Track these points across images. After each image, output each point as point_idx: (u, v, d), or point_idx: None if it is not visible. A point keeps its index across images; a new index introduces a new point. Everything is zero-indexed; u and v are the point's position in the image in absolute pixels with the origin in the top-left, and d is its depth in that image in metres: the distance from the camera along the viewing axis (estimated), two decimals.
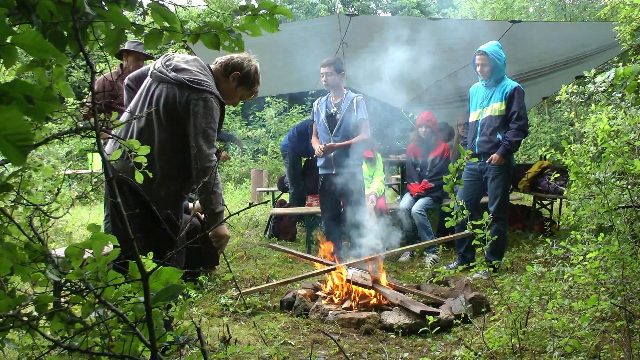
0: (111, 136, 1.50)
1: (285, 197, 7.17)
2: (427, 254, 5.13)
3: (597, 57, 5.72)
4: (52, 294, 1.17)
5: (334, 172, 4.61)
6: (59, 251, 1.79)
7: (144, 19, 1.22)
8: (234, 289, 3.87)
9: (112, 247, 1.20)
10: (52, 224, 1.50)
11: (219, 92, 2.60)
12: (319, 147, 4.58)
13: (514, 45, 5.27)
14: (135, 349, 1.13)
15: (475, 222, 2.33)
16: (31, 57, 1.01)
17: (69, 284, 1.13)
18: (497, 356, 2.42)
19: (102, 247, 1.14)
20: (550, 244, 3.03)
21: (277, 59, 6.35)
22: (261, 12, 1.23)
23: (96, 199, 8.98)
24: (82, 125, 1.19)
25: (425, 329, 2.96)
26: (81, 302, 1.13)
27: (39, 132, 1.19)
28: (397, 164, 7.07)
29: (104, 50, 1.13)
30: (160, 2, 1.16)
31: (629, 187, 2.55)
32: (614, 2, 5.34)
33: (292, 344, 2.89)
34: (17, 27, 1.02)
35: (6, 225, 1.17)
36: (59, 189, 1.42)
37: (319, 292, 3.80)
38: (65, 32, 1.06)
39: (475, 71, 4.48)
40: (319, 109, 4.75)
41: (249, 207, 1.29)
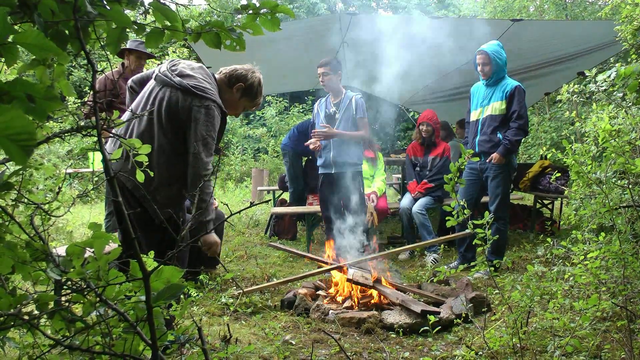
0: (112, 135, 1.50)
1: (285, 196, 7.17)
2: (428, 254, 5.13)
3: (599, 53, 5.71)
4: (53, 293, 1.17)
5: (333, 172, 4.61)
6: (60, 250, 1.79)
7: (146, 17, 1.22)
8: (235, 288, 3.87)
9: (115, 245, 1.20)
10: (53, 223, 1.50)
11: (221, 102, 2.60)
12: (316, 132, 4.52)
13: (515, 42, 5.27)
14: (136, 348, 1.13)
15: (476, 222, 2.32)
16: (33, 56, 1.01)
17: (69, 283, 1.13)
18: (497, 356, 2.42)
19: (103, 246, 1.14)
20: (551, 243, 3.03)
21: (278, 58, 6.35)
22: (262, 11, 1.23)
23: (97, 197, 8.99)
24: (83, 124, 1.19)
25: (426, 328, 2.97)
26: (82, 301, 1.13)
27: (40, 131, 1.19)
28: (398, 164, 7.07)
29: (106, 49, 1.13)
30: (161, 1, 1.16)
31: (630, 186, 2.55)
32: (615, 2, 5.33)
33: (293, 343, 2.89)
34: (18, 26, 1.02)
35: (7, 224, 1.17)
36: (60, 188, 1.42)
37: (319, 292, 3.80)
38: (66, 31, 1.07)
39: (476, 70, 4.48)
40: (319, 109, 4.75)
41: (250, 207, 1.29)
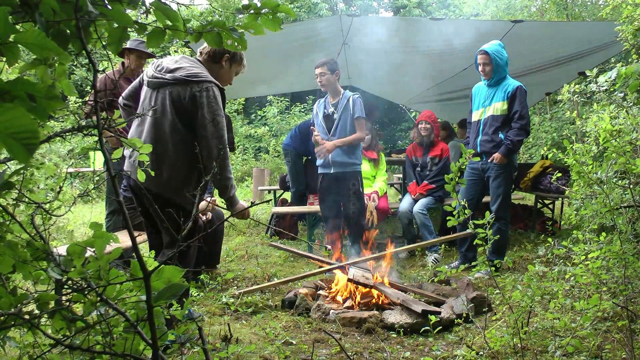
0: (113, 134, 1.50)
1: (286, 195, 7.17)
2: (428, 254, 5.12)
3: (600, 53, 5.70)
4: (53, 292, 1.17)
5: (332, 171, 4.61)
6: (61, 249, 1.79)
7: (147, 17, 1.22)
8: (235, 287, 3.87)
9: (115, 245, 1.20)
10: (53, 222, 1.51)
11: (215, 79, 2.72)
12: (320, 142, 4.56)
13: (516, 43, 5.26)
14: (136, 348, 1.13)
15: (477, 222, 2.32)
16: (34, 56, 1.02)
17: (70, 282, 1.13)
18: (498, 356, 2.42)
19: (103, 246, 1.14)
20: (552, 243, 3.03)
21: (279, 58, 6.36)
22: (264, 11, 1.23)
23: (98, 197, 8.99)
24: (84, 123, 1.19)
25: (426, 328, 2.96)
26: (83, 301, 1.13)
27: (42, 130, 1.19)
28: (399, 164, 7.07)
29: (107, 48, 1.14)
30: (162, 1, 1.16)
31: (631, 186, 2.55)
32: (616, 2, 5.32)
33: (294, 343, 2.89)
34: (20, 25, 1.02)
35: (8, 223, 1.17)
36: (60, 187, 1.42)
37: (320, 291, 3.80)
38: (68, 30, 1.07)
39: (477, 71, 4.48)
40: (318, 110, 4.76)
41: (251, 206, 1.29)
